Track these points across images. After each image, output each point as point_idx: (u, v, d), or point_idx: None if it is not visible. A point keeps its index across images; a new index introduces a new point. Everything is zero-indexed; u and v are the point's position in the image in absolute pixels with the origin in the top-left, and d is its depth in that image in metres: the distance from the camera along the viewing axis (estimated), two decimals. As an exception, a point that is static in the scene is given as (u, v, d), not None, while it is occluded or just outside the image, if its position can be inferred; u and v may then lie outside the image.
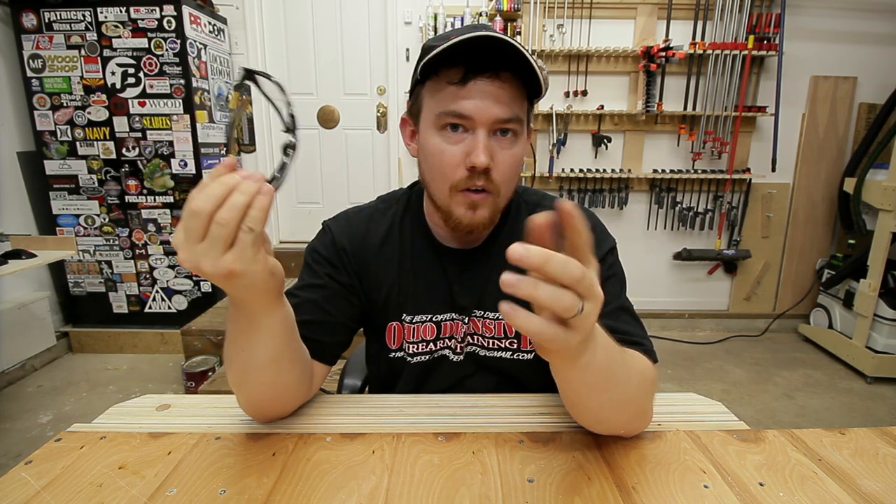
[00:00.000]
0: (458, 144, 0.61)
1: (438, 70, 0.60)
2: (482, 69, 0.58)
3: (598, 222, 0.74)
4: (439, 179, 0.63)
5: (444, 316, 0.74)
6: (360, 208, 0.77)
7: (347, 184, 3.08)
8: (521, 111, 0.61)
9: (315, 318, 0.67)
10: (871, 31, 2.70)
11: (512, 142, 0.62)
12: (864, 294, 2.40)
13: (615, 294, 0.67)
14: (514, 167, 0.63)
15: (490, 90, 0.58)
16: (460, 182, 0.62)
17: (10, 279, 2.28)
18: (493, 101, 0.59)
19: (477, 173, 0.60)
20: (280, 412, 0.62)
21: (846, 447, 0.58)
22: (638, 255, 2.95)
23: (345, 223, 0.74)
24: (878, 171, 2.46)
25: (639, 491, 0.51)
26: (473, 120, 0.59)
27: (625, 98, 2.79)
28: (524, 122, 0.63)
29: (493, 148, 0.60)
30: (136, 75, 2.35)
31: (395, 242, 0.74)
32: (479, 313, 0.73)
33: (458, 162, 0.61)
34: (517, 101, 0.60)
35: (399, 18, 2.76)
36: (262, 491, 0.50)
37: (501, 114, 0.59)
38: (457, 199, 0.63)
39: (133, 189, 2.48)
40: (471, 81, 0.58)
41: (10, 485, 0.51)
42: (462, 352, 0.75)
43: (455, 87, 0.59)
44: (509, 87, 0.59)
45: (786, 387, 2.35)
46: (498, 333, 0.73)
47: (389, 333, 0.75)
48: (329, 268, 0.71)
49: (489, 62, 0.58)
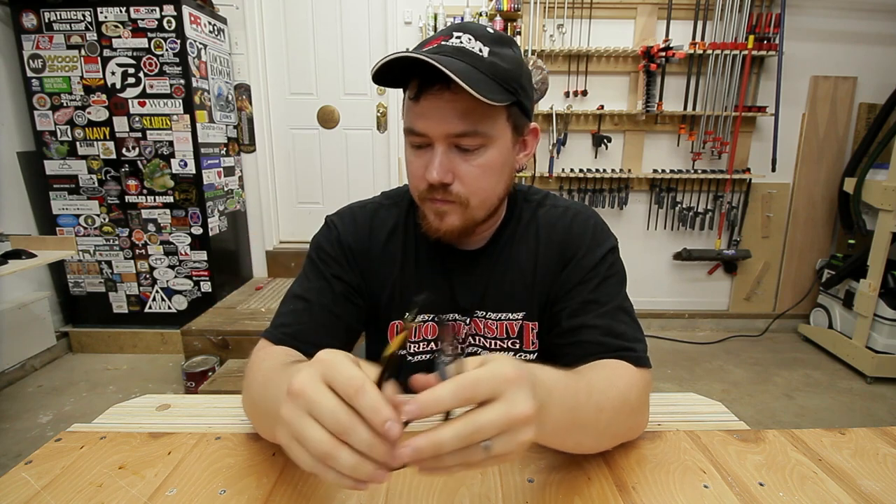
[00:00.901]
0: (421, 158, 0.61)
1: (407, 83, 0.60)
2: (433, 82, 0.56)
3: (598, 222, 0.73)
4: (412, 189, 0.66)
5: (447, 316, 0.74)
6: (364, 204, 0.77)
7: (347, 184, 3.08)
8: (483, 120, 0.58)
9: (326, 322, 0.67)
10: (871, 31, 2.70)
11: (478, 153, 0.60)
12: (864, 294, 2.40)
13: (614, 294, 0.67)
14: (482, 177, 0.61)
15: (440, 105, 0.57)
16: (424, 193, 0.62)
17: (10, 279, 2.28)
18: (445, 115, 0.57)
19: (435, 187, 0.60)
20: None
21: (846, 447, 0.58)
22: (638, 255, 2.95)
23: (350, 220, 0.74)
24: (878, 171, 2.46)
25: (639, 491, 0.51)
26: (428, 135, 0.59)
27: (625, 98, 2.79)
28: (493, 129, 0.59)
29: (452, 162, 0.59)
30: (136, 75, 2.35)
31: (398, 241, 0.73)
32: (481, 314, 0.73)
33: (421, 175, 0.61)
34: (476, 111, 0.57)
35: (399, 18, 2.76)
36: (262, 491, 0.50)
37: (453, 129, 0.57)
38: (426, 206, 0.64)
39: (133, 189, 2.48)
40: (423, 97, 0.57)
41: (10, 485, 0.51)
42: (463, 352, 0.75)
43: (412, 102, 0.59)
44: (464, 98, 0.55)
45: (786, 387, 2.35)
46: (500, 334, 0.73)
47: (392, 332, 0.75)
48: (336, 267, 0.71)
49: (441, 74, 0.53)
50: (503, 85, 0.57)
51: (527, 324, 0.73)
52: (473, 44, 0.57)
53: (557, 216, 0.72)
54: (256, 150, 2.94)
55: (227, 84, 2.75)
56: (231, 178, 2.80)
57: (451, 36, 0.58)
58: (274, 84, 2.94)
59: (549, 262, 0.71)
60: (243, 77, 2.83)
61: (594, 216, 0.73)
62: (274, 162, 3.05)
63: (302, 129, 3.02)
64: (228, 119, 2.77)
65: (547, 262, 0.71)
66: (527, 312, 0.72)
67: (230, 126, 2.79)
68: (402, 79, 0.61)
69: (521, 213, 0.74)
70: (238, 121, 2.87)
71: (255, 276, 3.08)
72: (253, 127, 2.90)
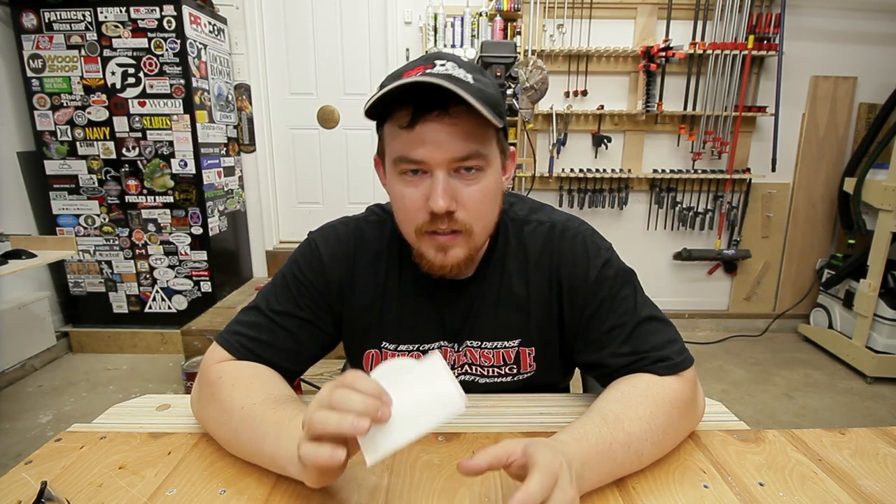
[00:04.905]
0: (418, 188, 0.57)
1: (391, 112, 0.57)
2: (429, 108, 0.54)
3: (585, 236, 0.69)
4: (405, 223, 0.61)
5: (433, 345, 0.71)
6: (347, 223, 0.73)
7: (347, 184, 3.08)
8: (483, 143, 0.57)
9: (287, 346, 0.66)
10: (871, 31, 2.70)
11: (478, 176, 0.58)
12: (864, 294, 2.40)
13: (629, 307, 0.64)
14: (483, 202, 0.59)
15: (440, 129, 0.54)
16: (424, 225, 0.59)
17: (10, 279, 2.28)
18: (446, 141, 0.54)
19: (440, 217, 0.57)
20: None
21: (846, 447, 0.58)
22: (638, 255, 2.95)
23: (334, 242, 0.70)
24: (878, 171, 2.45)
25: (639, 491, 0.51)
26: (427, 163, 0.56)
27: (625, 98, 2.79)
28: (490, 152, 0.59)
29: (455, 188, 0.57)
30: (136, 75, 2.35)
31: (382, 266, 0.70)
32: (474, 343, 0.70)
33: (420, 206, 0.57)
34: (475, 133, 0.56)
35: (399, 18, 2.76)
36: (262, 491, 0.50)
37: (456, 153, 0.55)
38: (425, 241, 0.60)
39: (133, 189, 2.48)
40: (419, 124, 0.54)
41: (10, 485, 0.51)
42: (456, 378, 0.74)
43: (405, 131, 0.55)
44: (464, 122, 0.54)
45: (786, 387, 2.35)
46: (497, 361, 0.71)
47: (367, 361, 0.73)
48: (312, 296, 0.68)
49: (437, 99, 0.53)
50: (493, 109, 0.55)
51: (523, 349, 0.71)
52: (458, 71, 0.56)
53: (544, 235, 0.69)
54: (256, 150, 2.94)
55: (227, 84, 2.75)
56: (231, 178, 2.80)
57: (434, 64, 0.56)
58: (274, 84, 2.94)
59: (542, 285, 0.69)
60: (243, 77, 2.83)
61: (580, 230, 0.70)
62: (274, 162, 3.05)
63: (302, 129, 3.02)
64: (228, 119, 2.77)
65: (539, 284, 0.69)
66: (522, 339, 0.70)
67: (230, 126, 2.79)
68: (384, 110, 0.58)
69: (507, 235, 0.70)
70: (238, 121, 2.87)
71: (255, 275, 3.09)
72: (253, 127, 2.90)
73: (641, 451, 0.53)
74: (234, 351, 0.65)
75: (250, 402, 0.55)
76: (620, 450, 0.51)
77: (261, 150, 2.95)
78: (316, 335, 0.69)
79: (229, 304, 2.54)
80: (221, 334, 0.67)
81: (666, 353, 0.61)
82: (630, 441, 0.52)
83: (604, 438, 0.51)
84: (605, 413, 0.55)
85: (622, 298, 0.65)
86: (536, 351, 0.71)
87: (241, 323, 0.67)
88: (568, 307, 0.68)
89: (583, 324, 0.66)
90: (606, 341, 0.64)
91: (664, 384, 0.59)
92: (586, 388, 0.88)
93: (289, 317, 0.67)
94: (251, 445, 0.52)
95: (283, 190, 3.10)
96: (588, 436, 0.51)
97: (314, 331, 0.69)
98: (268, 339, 0.65)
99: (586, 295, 0.66)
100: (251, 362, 0.64)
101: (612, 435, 0.51)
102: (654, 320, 0.65)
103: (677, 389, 0.59)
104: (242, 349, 0.64)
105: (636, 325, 0.63)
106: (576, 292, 0.67)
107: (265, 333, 0.66)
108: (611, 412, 0.55)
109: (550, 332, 0.70)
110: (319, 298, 0.69)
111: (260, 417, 0.52)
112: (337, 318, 0.71)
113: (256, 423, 0.52)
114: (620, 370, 0.63)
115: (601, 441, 0.51)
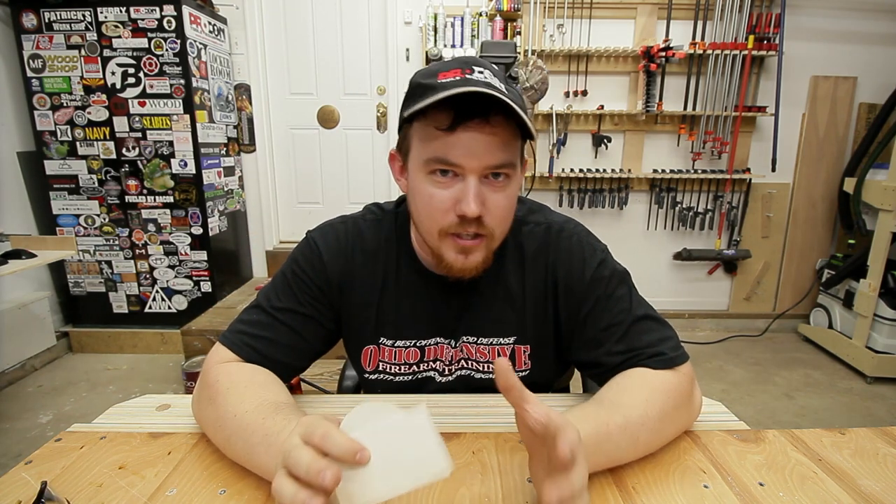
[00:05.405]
0: (448, 189, 0.58)
1: (427, 112, 0.56)
2: (471, 114, 0.55)
3: (581, 237, 0.71)
4: (428, 222, 0.61)
5: (430, 341, 0.72)
6: (345, 221, 0.74)
7: (347, 184, 3.08)
8: (514, 154, 0.59)
9: (290, 342, 0.67)
10: (871, 31, 2.70)
11: (505, 183, 0.59)
12: (864, 294, 2.40)
13: (623, 307, 0.66)
14: (507, 209, 0.61)
15: (480, 137, 0.56)
16: (450, 227, 0.59)
17: (10, 279, 2.28)
18: (484, 148, 0.56)
19: (468, 220, 0.58)
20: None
21: (846, 447, 0.58)
22: (638, 255, 2.95)
23: (333, 239, 0.71)
24: (878, 171, 2.45)
25: (639, 491, 0.51)
26: (463, 167, 0.57)
27: (625, 98, 2.79)
28: (518, 161, 0.60)
29: (484, 193, 0.58)
30: (136, 75, 2.35)
31: (380, 264, 0.71)
32: (470, 339, 0.71)
33: (448, 208, 0.58)
34: (509, 144, 0.58)
35: (399, 18, 2.76)
36: (262, 491, 0.50)
37: (493, 161, 0.57)
38: (447, 243, 0.61)
39: (133, 189, 2.48)
40: (459, 128, 0.55)
41: (10, 485, 0.51)
42: (452, 374, 0.74)
43: (443, 133, 0.56)
44: (501, 132, 0.56)
45: (786, 387, 2.35)
46: (493, 358, 0.71)
47: (365, 357, 0.73)
48: (312, 292, 0.69)
49: (479, 107, 0.54)
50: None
51: (518, 347, 0.72)
52: (494, 80, 0.56)
53: (541, 235, 0.71)
54: (256, 150, 2.94)
55: (227, 84, 2.75)
56: (231, 178, 2.80)
57: (473, 70, 0.57)
58: (274, 84, 2.94)
59: (538, 284, 0.70)
60: (243, 77, 2.83)
61: (576, 231, 0.71)
62: (274, 162, 3.05)
63: (302, 129, 3.02)
64: (228, 119, 2.77)
65: (535, 284, 0.70)
66: (518, 337, 0.71)
67: (230, 126, 2.79)
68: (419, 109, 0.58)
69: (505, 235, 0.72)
70: (238, 121, 2.87)
71: (256, 275, 3.09)
72: (253, 127, 2.90)
73: (638, 436, 0.53)
74: (237, 349, 0.65)
75: (243, 409, 0.54)
76: (617, 432, 0.52)
77: (261, 150, 2.95)
78: (317, 330, 0.70)
79: (229, 304, 2.54)
80: (224, 334, 0.67)
81: (661, 349, 0.63)
82: (627, 424, 0.53)
83: (601, 421, 0.52)
84: (602, 399, 0.57)
85: (617, 298, 0.66)
86: (531, 349, 0.72)
87: (243, 322, 0.68)
88: (564, 306, 0.69)
89: (578, 323, 0.68)
90: (602, 340, 0.65)
91: (660, 376, 0.61)
92: (586, 387, 0.88)
93: (290, 313, 0.68)
94: (243, 454, 0.53)
95: (282, 190, 3.10)
96: (587, 417, 0.52)
97: (316, 326, 0.69)
98: (270, 335, 0.66)
99: (582, 294, 0.67)
100: (250, 365, 0.64)
101: (609, 417, 0.52)
102: (649, 319, 0.66)
103: (673, 381, 0.60)
104: (245, 347, 0.65)
105: (631, 324, 0.65)
106: (572, 292, 0.68)
107: (267, 330, 0.66)
108: (607, 398, 0.57)
109: (546, 332, 0.71)
110: (320, 294, 0.69)
111: (251, 427, 0.52)
112: (336, 314, 0.72)
113: (248, 434, 0.52)
114: (616, 368, 0.64)
115: (599, 423, 0.51)
